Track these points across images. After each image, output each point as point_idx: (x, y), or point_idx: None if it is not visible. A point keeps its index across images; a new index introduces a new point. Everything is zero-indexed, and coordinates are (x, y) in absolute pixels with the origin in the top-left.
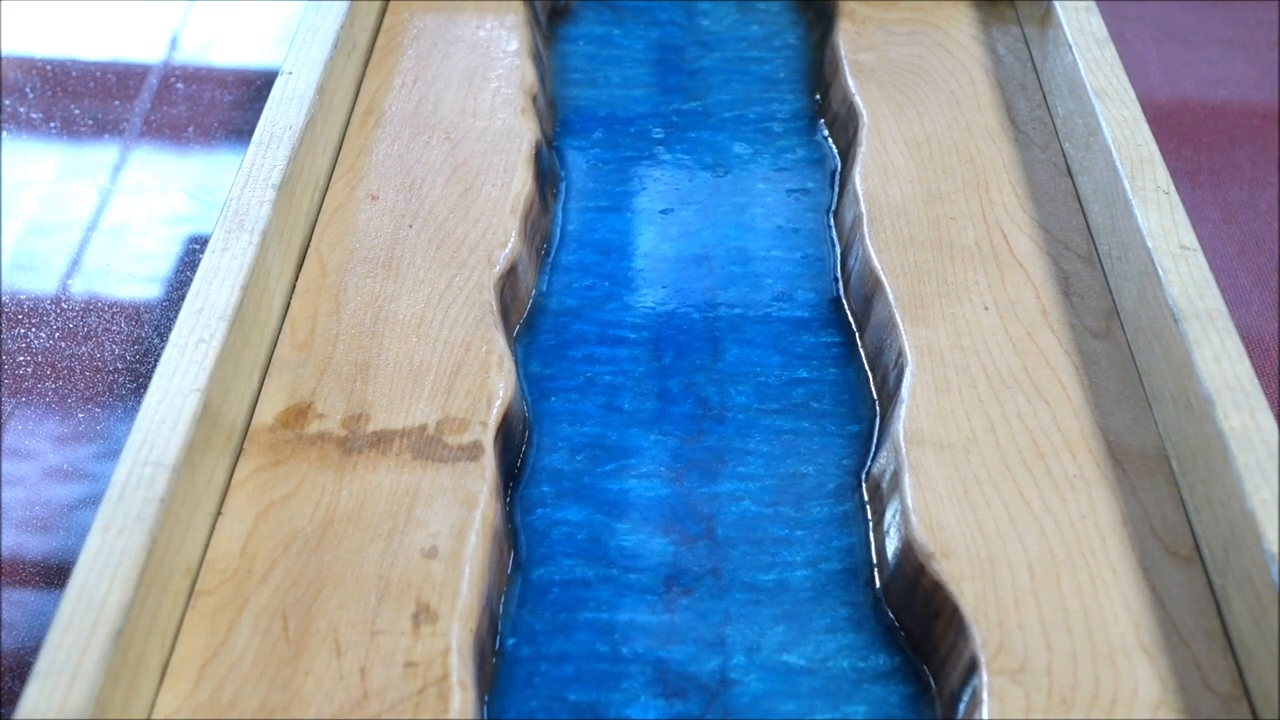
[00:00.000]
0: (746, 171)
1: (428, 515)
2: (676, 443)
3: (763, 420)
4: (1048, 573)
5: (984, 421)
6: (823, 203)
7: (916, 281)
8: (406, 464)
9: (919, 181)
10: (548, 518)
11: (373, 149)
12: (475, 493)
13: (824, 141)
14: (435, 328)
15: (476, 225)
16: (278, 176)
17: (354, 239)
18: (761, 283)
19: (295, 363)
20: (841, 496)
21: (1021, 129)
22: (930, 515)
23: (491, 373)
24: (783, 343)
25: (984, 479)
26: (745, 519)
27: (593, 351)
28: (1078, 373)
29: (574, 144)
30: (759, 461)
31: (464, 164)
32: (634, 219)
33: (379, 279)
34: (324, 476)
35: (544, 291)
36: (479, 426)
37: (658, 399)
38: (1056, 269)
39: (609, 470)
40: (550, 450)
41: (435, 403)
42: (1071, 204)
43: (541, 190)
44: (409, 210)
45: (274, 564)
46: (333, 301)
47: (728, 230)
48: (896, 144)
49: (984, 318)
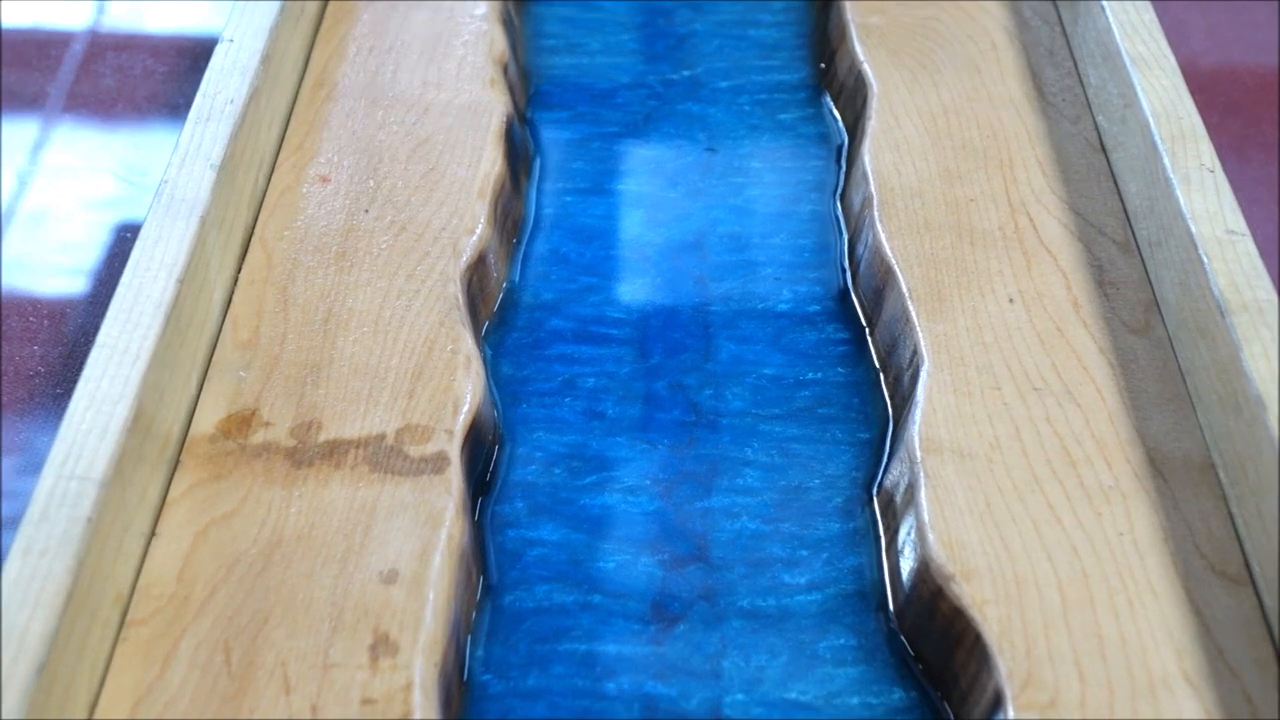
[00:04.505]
0: (742, 149)
1: (387, 535)
2: (665, 453)
3: (761, 427)
4: (1080, 595)
5: (1009, 427)
6: (828, 183)
7: (933, 271)
8: (363, 478)
9: (935, 159)
10: (521, 537)
11: (324, 125)
12: (440, 510)
13: (829, 115)
14: (395, 325)
15: (440, 210)
16: (218, 156)
17: (303, 226)
18: (759, 273)
19: (238, 365)
20: (850, 512)
21: (1049, 100)
22: (949, 532)
23: (458, 375)
24: (784, 340)
25: (1009, 491)
26: (742, 538)
27: (571, 350)
28: (1113, 372)
29: (549, 119)
30: (757, 473)
31: (426, 141)
32: (616, 202)
33: (331, 270)
34: (270, 492)
35: (516, 283)
36: (444, 435)
37: (644, 403)
38: (1089, 256)
39: (589, 484)
40: (524, 462)
41: (395, 409)
42: (1105, 184)
43: (513, 170)
44: (365, 193)
45: (214, 590)
46: (279, 296)
47: (721, 214)
48: (910, 117)
49: (1008, 311)
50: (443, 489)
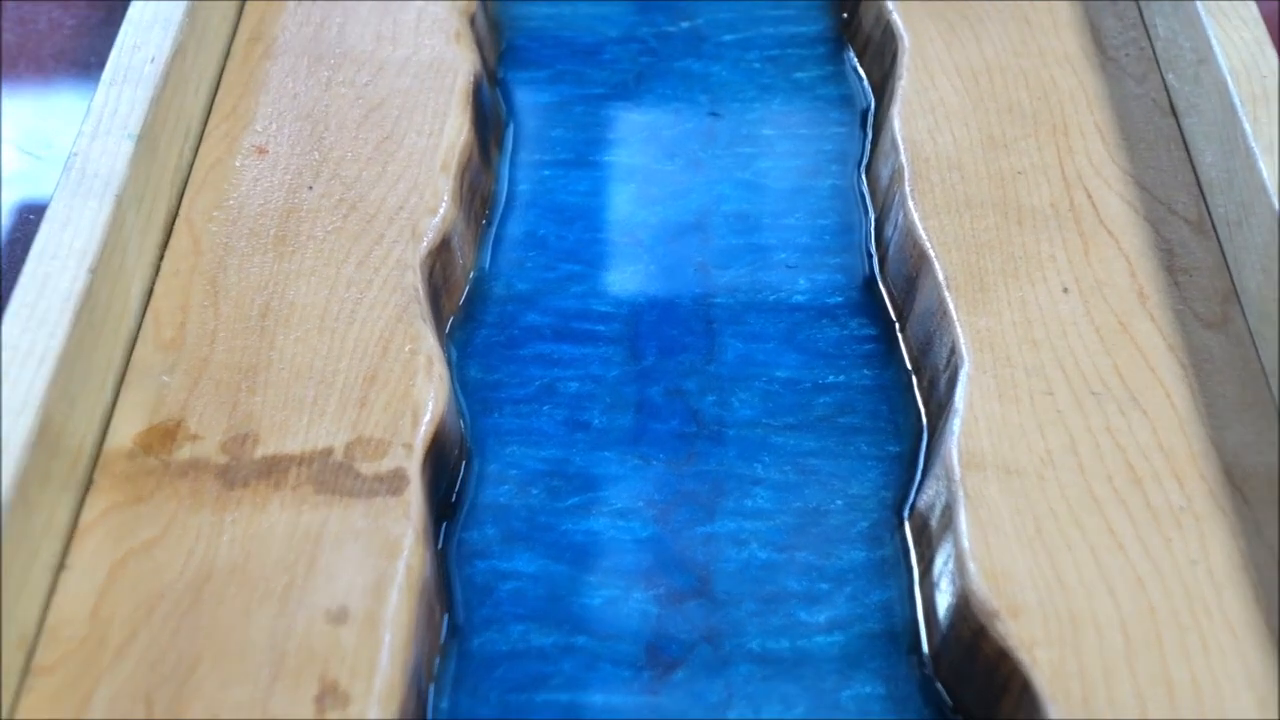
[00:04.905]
0: (751, 113)
1: (335, 567)
2: (661, 469)
3: (773, 439)
4: (1146, 634)
5: (1063, 438)
6: (851, 153)
7: (974, 256)
8: (307, 500)
9: (976, 125)
10: (493, 569)
11: (260, 87)
12: (397, 537)
13: (852, 73)
14: (344, 321)
15: (397, 186)
16: (136, 124)
17: (236, 205)
18: (771, 258)
19: (160, 368)
20: (877, 538)
21: (1110, 55)
22: (993, 561)
23: (418, 379)
24: (799, 337)
25: (1063, 514)
26: (751, 569)
27: (550, 350)
28: (1185, 374)
29: (524, 79)
30: (769, 493)
31: (380, 106)
32: (603, 176)
33: (269, 257)
34: (198, 517)
35: (486, 272)
36: (401, 450)
37: (636, 412)
38: (1156, 238)
39: (572, 506)
40: (495, 481)
41: (344, 419)
42: (1176, 153)
43: (482, 139)
44: (308, 167)
45: (135, 631)
46: (209, 287)
47: (727, 190)
48: (947, 75)
49: (1062, 303)
50: (400, 513)
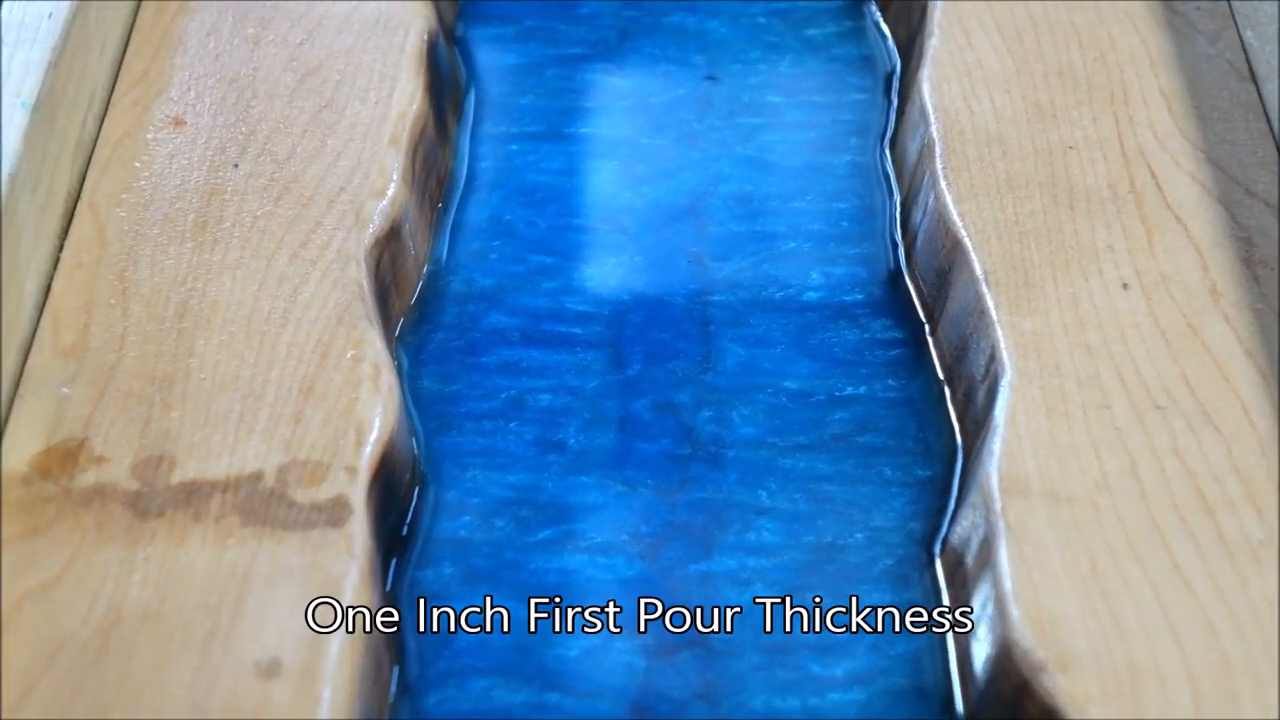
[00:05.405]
0: (755, 77)
1: (266, 612)
2: (649, 497)
3: (781, 461)
4: (1219, 688)
5: (1121, 460)
6: (873, 124)
7: (1017, 245)
8: (232, 533)
9: (1020, 90)
10: (452, 614)
11: (176, 46)
12: (338, 576)
13: (875, 30)
14: (275, 322)
15: (338, 163)
16: (30, 91)
17: (149, 186)
18: (779, 248)
19: (60, 378)
20: (903, 578)
21: (1179, 10)
22: (1040, 605)
23: (362, 391)
24: (812, 341)
25: (1121, 548)
26: (755, 614)
27: (518, 357)
28: (1265, 385)
29: (487, 36)
30: (776, 525)
31: (318, 69)
32: (581, 152)
33: (188, 248)
34: (106, 553)
35: (443, 265)
36: (343, 474)
37: (619, 430)
38: (1232, 225)
39: (544, 540)
40: (454, 510)
41: (276, 438)
42: (1255, 125)
43: (438, 108)
44: (234, 141)
45: (32, 685)
46: (116, 282)
47: (726, 168)
48: (986, 33)
49: (1121, 300)
50: (342, 548)
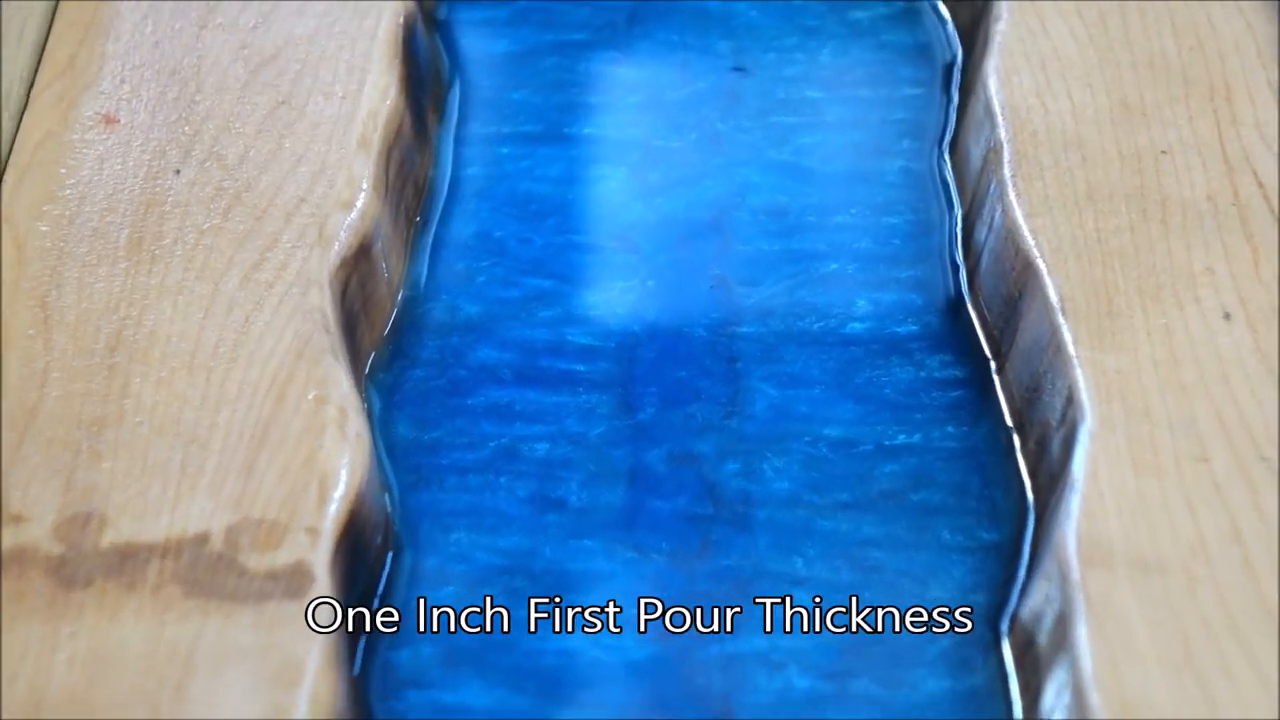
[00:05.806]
0: (790, 68)
1: (213, 698)
2: (664, 564)
3: (821, 523)
4: None
5: (1221, 523)
6: (930, 124)
7: (1099, 268)
8: (173, 605)
9: (1104, 86)
10: (432, 704)
11: (107, 31)
12: (299, 658)
13: (931, 13)
14: (224, 358)
15: (298, 169)
16: None
17: (75, 196)
18: (818, 270)
19: None
20: (966, 661)
21: None
22: (1125, 692)
23: (326, 439)
24: (856, 381)
25: (1220, 627)
26: (789, 703)
27: (511, 399)
28: None
29: (474, 19)
30: (814, 599)
31: (275, 58)
32: (584, 156)
33: (121, 269)
34: (25, 629)
35: (422, 290)
36: (303, 536)
37: (629, 485)
38: None
39: (541, 615)
40: (434, 580)
41: (224, 494)
42: None
43: (415, 104)
44: (175, 143)
45: None
46: (37, 310)
47: (756, 175)
48: (1064, 16)
49: (1223, 333)
50: (302, 624)
